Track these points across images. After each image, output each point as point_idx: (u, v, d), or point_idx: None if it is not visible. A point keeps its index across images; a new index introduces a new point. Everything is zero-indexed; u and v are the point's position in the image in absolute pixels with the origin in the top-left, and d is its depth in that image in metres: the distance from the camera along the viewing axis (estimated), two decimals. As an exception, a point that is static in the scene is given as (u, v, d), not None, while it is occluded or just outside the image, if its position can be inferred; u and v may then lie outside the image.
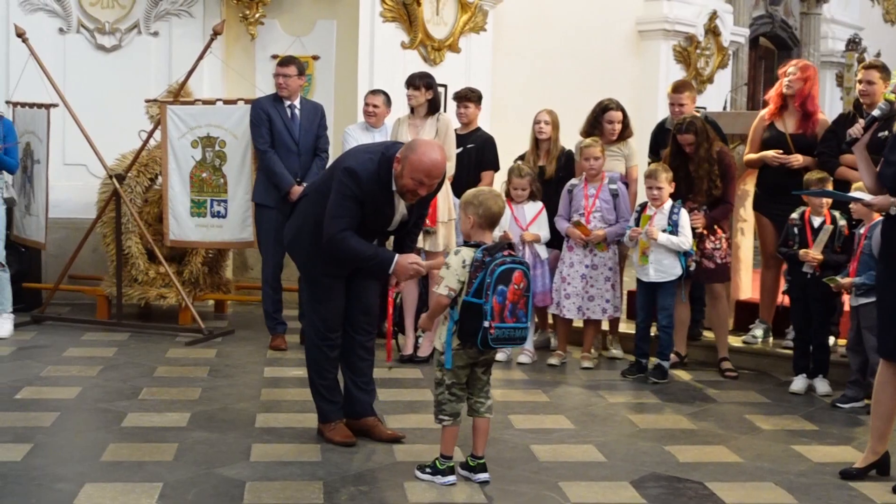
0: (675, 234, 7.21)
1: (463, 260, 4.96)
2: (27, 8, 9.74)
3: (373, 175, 5.37)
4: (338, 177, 5.44)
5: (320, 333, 5.68)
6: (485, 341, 4.91)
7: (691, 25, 13.57)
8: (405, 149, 5.37)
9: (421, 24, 10.17)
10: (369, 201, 5.39)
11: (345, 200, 5.36)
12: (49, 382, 6.87)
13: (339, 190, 5.38)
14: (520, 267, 4.98)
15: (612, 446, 5.78)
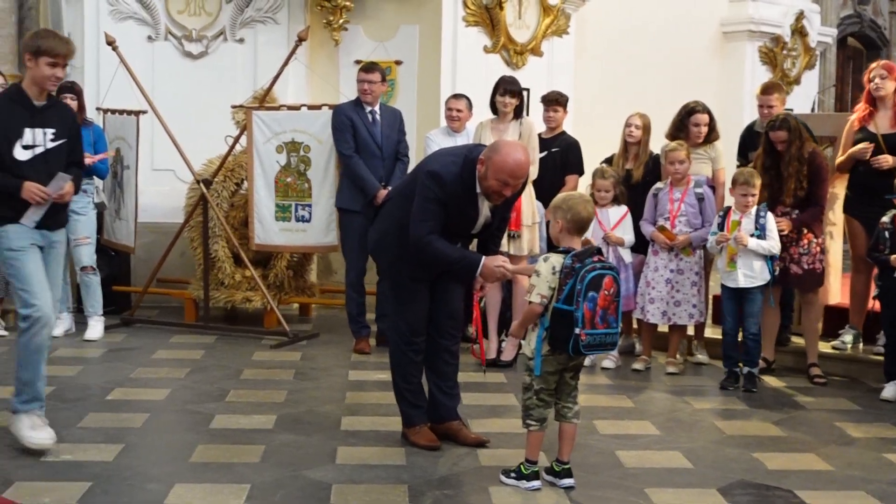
0: (763, 238, 7.11)
1: (553, 266, 4.94)
2: (117, 17, 9.93)
3: (456, 178, 5.39)
4: (421, 180, 5.47)
5: (405, 337, 5.69)
6: (576, 348, 4.88)
7: (777, 26, 13.37)
8: (488, 150, 5.38)
9: (503, 28, 10.16)
10: (453, 204, 5.40)
11: (429, 203, 5.40)
12: (139, 384, 7.00)
13: (423, 193, 5.42)
14: (610, 272, 4.94)
15: (699, 453, 5.71)
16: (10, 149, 5.41)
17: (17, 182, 5.38)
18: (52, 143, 5.52)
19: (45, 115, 5.51)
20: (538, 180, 7.73)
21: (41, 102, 5.51)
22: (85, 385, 6.90)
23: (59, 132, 5.55)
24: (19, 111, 5.46)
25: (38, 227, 5.50)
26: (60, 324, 8.46)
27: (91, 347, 8.13)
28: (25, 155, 5.44)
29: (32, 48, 5.41)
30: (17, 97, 5.50)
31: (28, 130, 5.44)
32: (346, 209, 8.15)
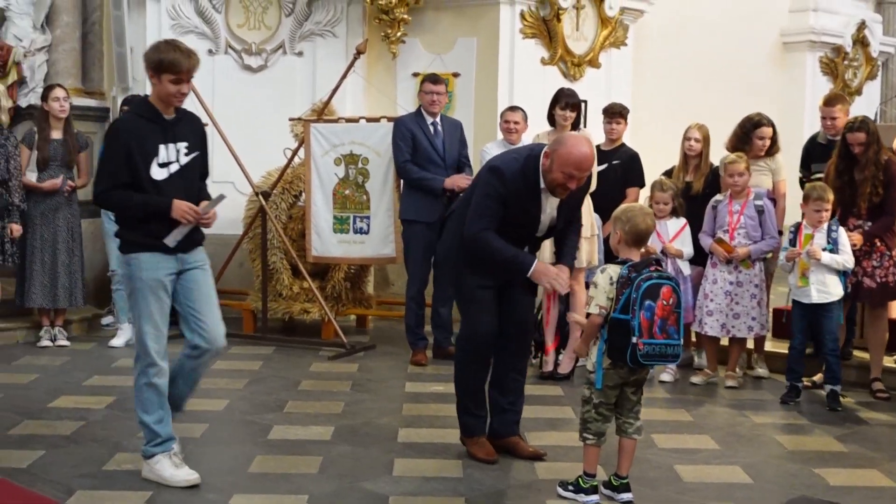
0: (836, 252, 6.99)
1: (610, 277, 4.92)
2: (178, 31, 10.04)
3: (517, 173, 5.38)
4: (482, 176, 5.49)
5: (471, 347, 5.66)
6: (634, 358, 4.84)
7: (838, 36, 13.24)
8: (553, 143, 5.37)
9: (561, 40, 10.15)
10: (513, 200, 5.37)
11: (487, 200, 5.39)
12: (198, 394, 6.94)
13: (483, 190, 5.42)
14: (668, 282, 4.90)
15: (759, 468, 5.65)
16: (148, 169, 5.08)
17: (166, 200, 5.06)
18: (186, 157, 5.21)
19: (176, 129, 5.20)
20: (597, 192, 7.68)
21: (171, 116, 5.21)
22: (145, 395, 6.96)
23: (191, 145, 5.25)
24: (151, 128, 5.13)
25: (173, 251, 5.19)
26: (122, 334, 8.60)
27: (151, 358, 8.20)
28: (162, 174, 5.12)
29: (153, 63, 5.09)
30: (148, 113, 5.18)
31: (162, 147, 5.13)
32: (409, 220, 8.17)
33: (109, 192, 5.15)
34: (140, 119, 5.19)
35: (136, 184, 5.09)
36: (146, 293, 5.14)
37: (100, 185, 5.22)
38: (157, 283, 5.15)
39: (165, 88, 5.10)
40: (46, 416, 6.39)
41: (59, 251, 8.51)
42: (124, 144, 5.08)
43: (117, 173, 5.10)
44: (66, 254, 8.54)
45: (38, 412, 6.46)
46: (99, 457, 5.55)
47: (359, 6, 10.19)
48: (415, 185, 8.13)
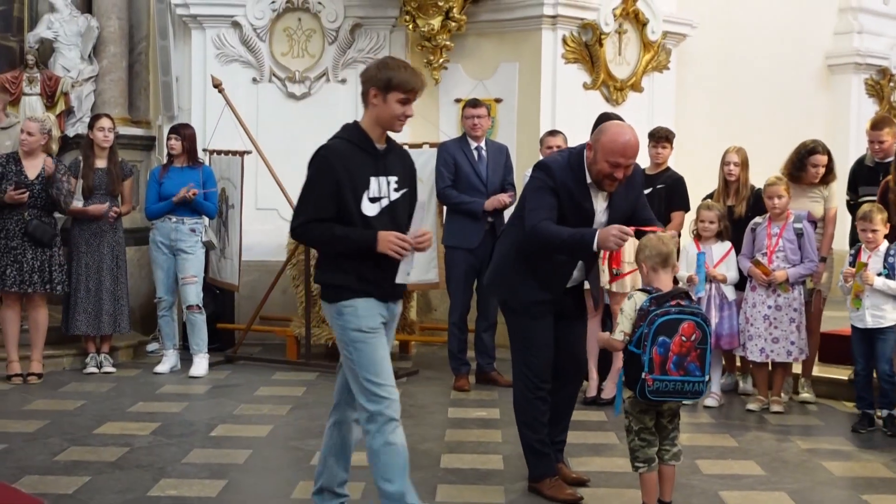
0: (893, 277, 6.89)
1: (635, 304, 4.88)
2: (223, 60, 10.16)
3: (564, 167, 5.23)
4: (531, 176, 5.37)
5: (531, 384, 5.44)
6: (643, 392, 4.77)
7: (884, 58, 13.11)
8: (595, 134, 5.24)
9: (603, 65, 10.14)
10: (564, 194, 5.19)
11: (539, 193, 5.23)
12: (242, 420, 7.09)
13: (533, 185, 5.29)
14: (690, 318, 4.76)
15: (806, 494, 5.58)
16: (358, 203, 4.57)
17: (371, 233, 4.53)
18: (396, 193, 4.70)
19: (387, 161, 4.71)
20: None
21: (382, 146, 4.71)
22: (189, 421, 7.02)
23: (401, 180, 4.74)
24: (363, 157, 4.63)
25: (386, 298, 4.69)
26: (167, 360, 8.66)
27: (196, 384, 8.27)
28: (373, 209, 4.60)
29: (381, 82, 4.59)
30: (360, 140, 4.66)
31: (373, 180, 4.61)
32: (451, 246, 8.18)
33: (309, 224, 4.63)
34: (351, 146, 4.64)
35: (343, 218, 4.57)
36: (370, 340, 4.59)
37: (300, 216, 4.68)
38: (378, 328, 4.65)
39: (391, 109, 4.61)
40: (92, 442, 6.44)
41: (104, 278, 8.60)
42: (334, 174, 4.54)
43: (322, 206, 4.59)
44: (111, 281, 8.62)
45: (84, 438, 6.51)
46: (143, 483, 5.58)
47: (401, 33, 10.25)
48: (455, 210, 8.14)
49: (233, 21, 10.14)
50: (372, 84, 4.63)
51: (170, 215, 8.58)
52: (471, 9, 9.94)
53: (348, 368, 4.69)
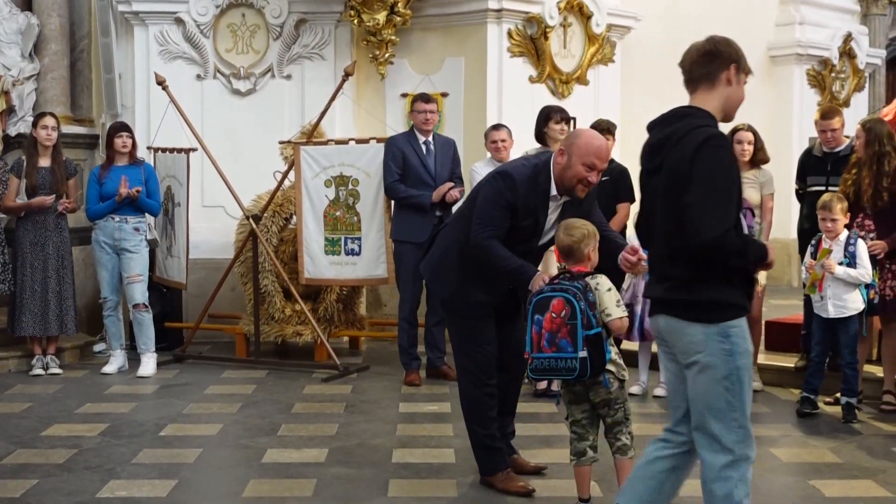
0: (853, 266, 6.97)
1: None
2: (166, 57, 10.07)
3: (528, 178, 5.24)
4: (490, 183, 5.32)
5: (478, 381, 5.44)
6: (528, 372, 4.96)
7: (825, 49, 13.28)
8: (567, 140, 5.29)
9: (549, 58, 10.18)
10: (522, 206, 5.21)
11: (495, 208, 5.22)
12: (191, 419, 7.04)
13: (490, 196, 5.26)
14: (560, 294, 4.76)
15: (755, 481, 5.58)
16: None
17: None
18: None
19: None
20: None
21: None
22: (138, 421, 6.96)
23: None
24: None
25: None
26: (114, 361, 8.58)
27: (144, 384, 8.20)
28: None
29: (736, 56, 4.26)
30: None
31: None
32: (400, 241, 8.18)
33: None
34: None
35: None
36: (748, 369, 3.97)
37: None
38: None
39: (739, 93, 4.31)
40: (39, 444, 6.37)
41: (50, 279, 8.50)
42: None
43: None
44: (57, 281, 8.53)
45: (32, 441, 6.44)
46: (92, 485, 5.53)
47: (346, 28, 10.22)
48: (404, 204, 8.14)
49: (176, 17, 10.05)
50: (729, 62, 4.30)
51: (112, 214, 8.49)
52: (416, 3, 9.93)
53: (721, 403, 3.90)
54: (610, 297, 4.87)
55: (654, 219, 4.01)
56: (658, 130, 4.17)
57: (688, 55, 4.19)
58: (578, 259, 4.95)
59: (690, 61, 4.17)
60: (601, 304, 4.84)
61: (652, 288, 4.10)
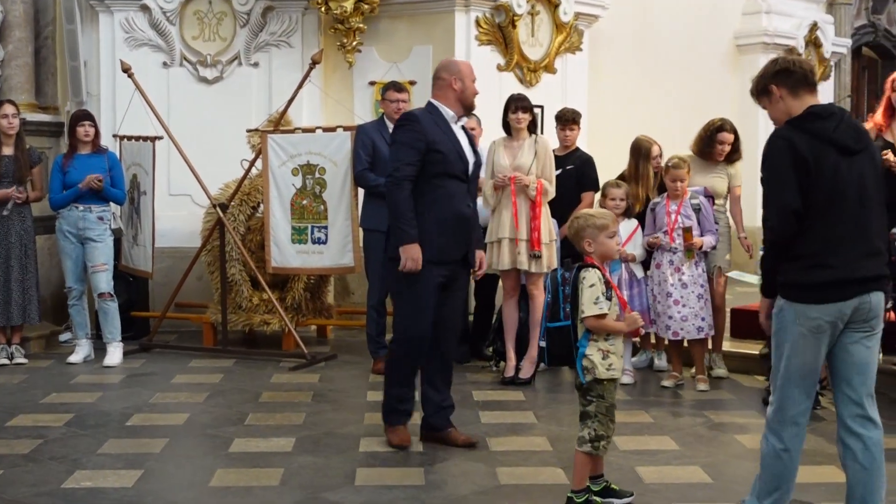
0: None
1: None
2: (132, 44, 10.00)
3: (426, 113, 6.04)
4: (400, 128, 6.02)
5: (405, 344, 5.99)
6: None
7: (791, 38, 13.35)
8: (446, 72, 6.08)
9: (516, 46, 10.18)
10: (435, 136, 5.88)
11: (407, 146, 5.88)
12: (158, 409, 7.01)
13: (402, 138, 5.94)
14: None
15: (720, 467, 5.69)
16: None
17: None
18: None
19: None
20: (553, 198, 7.72)
21: None
22: (104, 411, 6.92)
23: None
24: None
25: None
26: (80, 350, 8.53)
27: (110, 373, 8.16)
28: None
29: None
30: None
31: None
32: (369, 229, 8.16)
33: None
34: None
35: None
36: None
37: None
38: None
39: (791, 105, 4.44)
40: (4, 434, 6.32)
41: (12, 268, 8.44)
42: None
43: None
44: (20, 270, 8.47)
45: (-4, 431, 6.40)
46: (58, 475, 5.50)
47: (314, 16, 10.18)
48: (373, 193, 8.12)
49: (141, 4, 9.97)
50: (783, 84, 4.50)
51: (76, 203, 8.43)
52: (383, -9, 9.91)
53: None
54: (586, 294, 4.88)
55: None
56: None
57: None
58: (579, 250, 5.04)
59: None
60: (580, 299, 4.89)
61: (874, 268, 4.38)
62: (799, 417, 4.44)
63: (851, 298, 4.30)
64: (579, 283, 4.89)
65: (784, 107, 4.41)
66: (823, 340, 4.35)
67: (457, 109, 6.07)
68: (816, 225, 4.28)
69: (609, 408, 4.98)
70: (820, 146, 4.26)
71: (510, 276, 7.74)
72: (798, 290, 4.33)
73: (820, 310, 4.30)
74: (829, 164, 4.25)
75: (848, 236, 4.29)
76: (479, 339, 8.51)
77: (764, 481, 4.51)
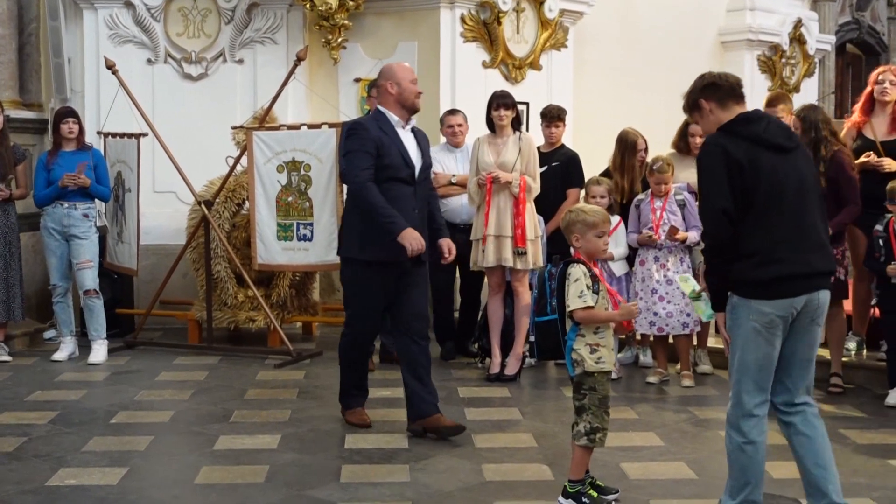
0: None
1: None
2: (116, 40, 9.97)
3: (371, 119, 6.28)
4: (348, 136, 6.26)
5: (351, 336, 6.36)
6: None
7: (776, 34, 13.37)
8: (383, 79, 6.23)
9: (502, 43, 10.18)
10: (381, 140, 6.07)
11: (359, 151, 6.08)
12: (143, 406, 7.00)
13: (353, 145, 6.14)
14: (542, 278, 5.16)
15: (704, 463, 5.71)
16: None
17: None
18: None
19: None
20: (539, 194, 7.73)
21: None
22: (89, 409, 6.91)
23: None
24: None
25: None
26: (65, 347, 8.51)
27: (95, 371, 8.14)
28: None
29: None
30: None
31: None
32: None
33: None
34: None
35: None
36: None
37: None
38: None
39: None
40: (-12, 432, 6.32)
41: (-3, 265, 8.43)
42: None
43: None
44: (4, 267, 8.44)
45: (-20, 429, 6.38)
46: (42, 473, 5.49)
47: (299, 12, 10.16)
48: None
49: (126, 1, 9.93)
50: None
51: (61, 200, 8.41)
52: (369, -12, 9.90)
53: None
54: (571, 288, 4.95)
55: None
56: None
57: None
58: (568, 243, 5.12)
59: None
60: (566, 294, 4.94)
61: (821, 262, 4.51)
62: (757, 410, 4.51)
63: (802, 294, 4.42)
64: (565, 279, 4.94)
65: (714, 119, 4.58)
66: (777, 335, 4.45)
67: (400, 113, 6.21)
68: (762, 222, 4.39)
69: (602, 399, 5.02)
70: (754, 148, 4.39)
71: (495, 272, 7.74)
72: (751, 287, 4.42)
73: (772, 305, 4.40)
74: (765, 163, 4.38)
75: (793, 231, 4.41)
76: (465, 335, 8.52)
77: (733, 478, 4.56)
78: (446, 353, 8.43)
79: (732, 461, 4.56)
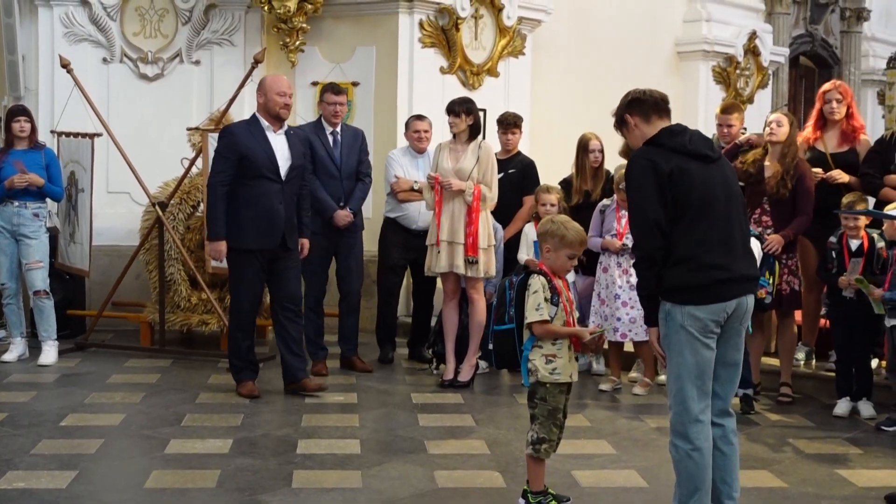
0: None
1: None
2: (71, 39, 9.87)
3: (240, 124, 7.32)
4: (218, 141, 7.15)
5: (236, 315, 7.35)
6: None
7: (731, 46, 13.50)
8: (258, 88, 7.28)
9: (460, 49, 10.20)
10: (246, 142, 7.02)
11: (219, 158, 7.10)
12: (93, 409, 6.94)
13: (218, 149, 7.13)
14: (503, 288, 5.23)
15: (655, 471, 5.74)
16: None
17: None
18: None
19: None
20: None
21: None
22: (38, 411, 6.83)
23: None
24: None
25: None
26: (14, 349, 8.41)
27: (45, 373, 8.05)
28: None
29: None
30: None
31: None
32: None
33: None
34: None
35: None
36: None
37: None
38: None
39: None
40: (-65, 434, 6.23)
41: (-55, 265, 8.31)
42: None
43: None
44: (-48, 267, 8.34)
45: (-74, 431, 6.30)
46: (-11, 475, 5.43)
47: (257, 15, 10.13)
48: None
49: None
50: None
51: (11, 199, 8.31)
52: (327, -9, 9.88)
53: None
54: (529, 300, 4.96)
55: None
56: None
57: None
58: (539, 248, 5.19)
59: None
60: (525, 305, 4.96)
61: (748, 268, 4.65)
62: (700, 415, 4.53)
63: (733, 298, 4.49)
64: (525, 289, 4.94)
65: (640, 133, 4.66)
66: (712, 339, 4.50)
67: (269, 119, 7.17)
68: (693, 230, 4.46)
69: (552, 411, 5.01)
70: (679, 158, 4.48)
71: (449, 278, 7.75)
72: (684, 293, 4.47)
73: (706, 310, 4.46)
74: (692, 173, 4.46)
75: (723, 237, 4.50)
76: (418, 341, 8.52)
77: (682, 486, 4.57)
78: (383, 356, 8.44)
79: (680, 469, 4.58)
